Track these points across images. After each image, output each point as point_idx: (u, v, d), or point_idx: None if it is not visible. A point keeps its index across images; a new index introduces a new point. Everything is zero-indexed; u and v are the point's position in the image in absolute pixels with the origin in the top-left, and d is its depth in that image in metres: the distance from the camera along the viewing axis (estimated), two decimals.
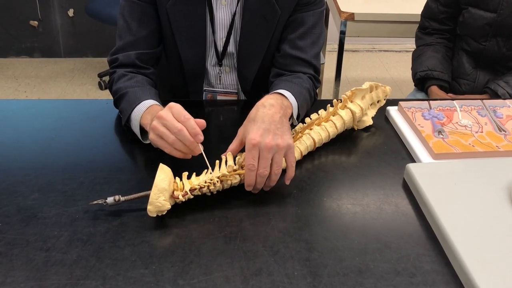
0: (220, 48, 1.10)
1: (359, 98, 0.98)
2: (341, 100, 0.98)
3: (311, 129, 0.93)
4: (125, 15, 1.04)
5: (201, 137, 0.77)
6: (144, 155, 0.93)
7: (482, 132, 0.97)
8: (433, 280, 0.65)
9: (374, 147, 0.96)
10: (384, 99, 1.05)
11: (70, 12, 3.16)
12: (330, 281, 0.64)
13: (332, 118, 0.95)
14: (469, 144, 0.93)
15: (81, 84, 2.98)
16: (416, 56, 1.59)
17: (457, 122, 1.01)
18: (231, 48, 1.10)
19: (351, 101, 0.97)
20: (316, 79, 1.09)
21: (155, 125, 0.79)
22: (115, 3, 2.65)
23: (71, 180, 0.83)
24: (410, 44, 1.72)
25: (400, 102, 1.07)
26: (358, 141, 0.98)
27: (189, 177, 0.78)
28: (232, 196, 0.80)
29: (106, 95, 2.87)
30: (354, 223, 0.75)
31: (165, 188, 0.72)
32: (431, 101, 1.08)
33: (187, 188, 0.75)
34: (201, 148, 0.78)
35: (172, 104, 0.79)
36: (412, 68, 1.60)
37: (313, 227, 0.74)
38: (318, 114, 0.95)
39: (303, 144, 0.90)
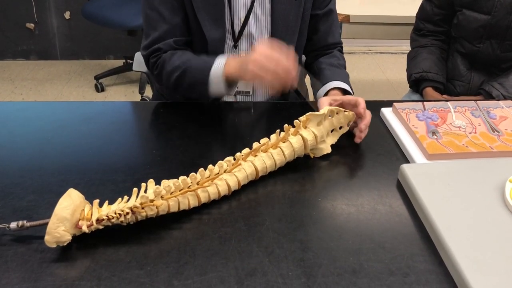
0: (237, 28, 1.11)
1: (314, 124, 0.88)
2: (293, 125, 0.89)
3: (255, 155, 0.84)
4: (155, 6, 1.08)
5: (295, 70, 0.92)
6: (139, 156, 0.93)
7: (475, 133, 0.98)
8: (427, 279, 0.66)
9: (368, 148, 0.97)
10: (348, 125, 0.96)
11: (67, 15, 3.16)
12: (324, 281, 0.65)
13: (281, 145, 0.85)
14: (463, 144, 0.94)
15: (78, 87, 2.98)
16: (411, 58, 1.60)
17: (451, 123, 1.01)
18: (250, 28, 1.11)
19: (305, 127, 0.88)
20: (341, 46, 1.28)
21: (257, 58, 0.90)
22: (111, 6, 2.65)
23: (67, 181, 0.83)
24: (406, 46, 1.73)
25: (395, 103, 1.08)
26: (352, 142, 0.99)
27: (101, 205, 0.72)
28: (227, 197, 0.80)
29: (103, 97, 2.87)
30: (349, 224, 0.76)
31: (66, 217, 0.66)
32: (425, 102, 1.09)
33: (94, 218, 0.69)
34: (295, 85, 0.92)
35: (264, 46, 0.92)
36: (407, 70, 1.61)
37: (307, 227, 0.74)
38: (269, 139, 0.87)
39: (242, 173, 0.80)
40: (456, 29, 1.51)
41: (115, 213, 0.69)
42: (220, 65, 1.00)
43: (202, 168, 0.77)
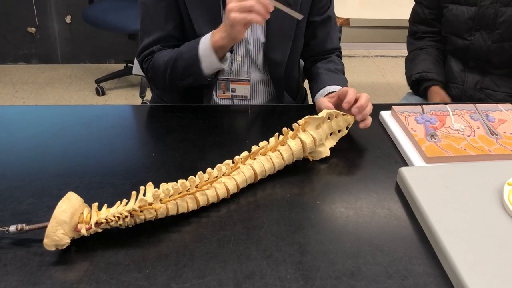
0: None
1: (312, 128, 0.89)
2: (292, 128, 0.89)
3: (254, 158, 0.84)
4: (150, 12, 1.10)
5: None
6: (139, 160, 0.93)
7: (474, 136, 0.98)
8: (425, 282, 0.66)
9: (367, 151, 0.97)
10: (347, 129, 0.97)
11: (68, 19, 3.18)
12: (322, 284, 0.65)
13: (280, 148, 0.86)
14: (462, 147, 0.94)
15: (79, 90, 2.99)
16: (410, 60, 1.60)
17: (449, 126, 1.01)
18: (245, 33, 1.12)
19: (304, 130, 0.88)
20: (340, 51, 1.30)
21: (232, 5, 0.92)
22: (112, 9, 2.66)
23: (66, 185, 0.83)
24: (405, 49, 1.74)
25: (393, 106, 1.08)
26: (351, 144, 0.99)
27: (100, 208, 0.72)
28: (225, 200, 0.80)
29: (103, 101, 2.88)
30: (347, 227, 0.76)
31: (65, 221, 0.67)
32: (424, 105, 1.09)
33: (93, 221, 0.69)
34: (272, 4, 0.94)
35: None
36: (406, 72, 1.61)
37: (306, 230, 0.74)
38: (268, 142, 0.87)
39: (241, 176, 0.80)
40: (445, 27, 1.50)
41: (114, 216, 0.69)
42: (206, 37, 1.04)
43: (201, 172, 0.77)
